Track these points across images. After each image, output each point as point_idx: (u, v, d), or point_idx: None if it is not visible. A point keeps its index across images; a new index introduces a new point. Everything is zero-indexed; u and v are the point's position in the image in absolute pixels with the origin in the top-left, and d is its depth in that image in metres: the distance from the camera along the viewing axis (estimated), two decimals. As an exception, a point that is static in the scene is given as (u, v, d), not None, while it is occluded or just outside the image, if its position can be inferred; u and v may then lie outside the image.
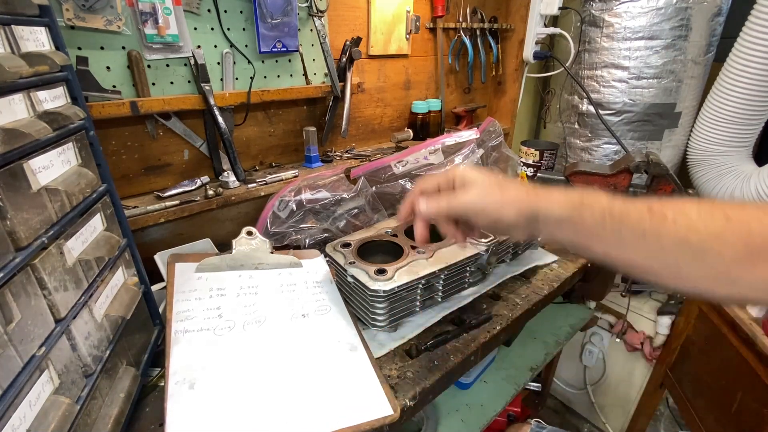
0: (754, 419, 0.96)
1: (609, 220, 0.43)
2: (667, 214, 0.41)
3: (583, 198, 0.45)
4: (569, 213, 0.45)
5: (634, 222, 0.42)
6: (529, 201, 0.47)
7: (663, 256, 0.42)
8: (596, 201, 0.44)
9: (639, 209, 0.42)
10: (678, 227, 0.41)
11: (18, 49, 0.41)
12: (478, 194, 0.48)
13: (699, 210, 0.41)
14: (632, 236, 0.43)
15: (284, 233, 0.92)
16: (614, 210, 0.43)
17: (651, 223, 0.42)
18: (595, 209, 0.44)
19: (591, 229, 0.45)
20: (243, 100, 0.94)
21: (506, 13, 1.56)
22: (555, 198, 0.46)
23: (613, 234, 0.44)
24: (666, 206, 0.42)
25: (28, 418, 0.36)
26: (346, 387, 0.58)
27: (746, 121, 1.30)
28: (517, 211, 0.47)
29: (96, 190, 0.52)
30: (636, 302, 1.54)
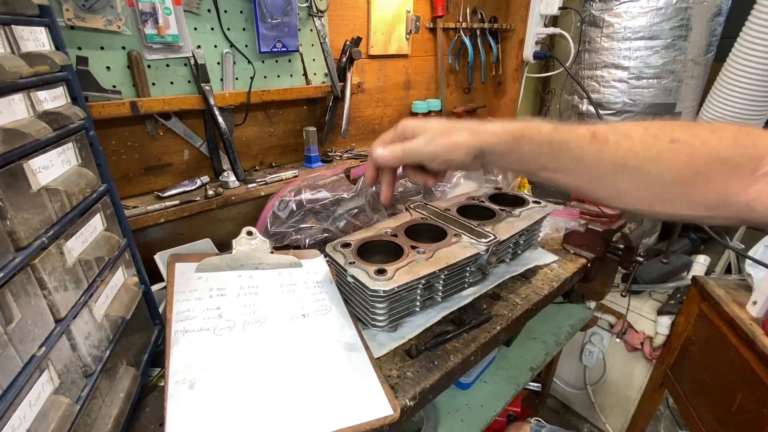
0: (754, 419, 0.96)
1: (547, 149, 0.47)
2: (609, 139, 0.44)
3: (523, 129, 0.48)
4: (510, 146, 0.48)
5: (573, 148, 0.45)
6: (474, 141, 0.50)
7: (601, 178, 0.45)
8: (537, 131, 0.47)
9: (581, 135, 0.45)
10: (617, 150, 0.43)
11: (18, 49, 0.41)
12: (426, 141, 0.51)
13: (644, 133, 0.43)
14: (571, 162, 0.46)
15: (284, 233, 0.92)
16: (554, 139, 0.46)
17: (590, 148, 0.45)
18: (534, 140, 0.47)
19: (531, 158, 0.48)
20: (243, 100, 0.94)
21: (506, 13, 1.56)
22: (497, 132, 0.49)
23: (552, 161, 0.47)
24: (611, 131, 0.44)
25: (28, 418, 0.36)
26: (346, 387, 0.58)
27: (746, 120, 1.30)
28: (464, 152, 0.50)
29: (96, 190, 0.52)
30: (636, 302, 1.54)
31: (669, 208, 0.44)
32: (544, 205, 0.92)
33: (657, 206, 0.44)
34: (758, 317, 1.01)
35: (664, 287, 1.57)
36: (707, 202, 0.41)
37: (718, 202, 0.41)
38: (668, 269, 1.54)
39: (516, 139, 0.48)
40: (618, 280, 1.54)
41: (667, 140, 0.42)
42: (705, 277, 1.22)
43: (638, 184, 0.44)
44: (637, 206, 0.46)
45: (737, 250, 1.41)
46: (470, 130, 0.50)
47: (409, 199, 1.09)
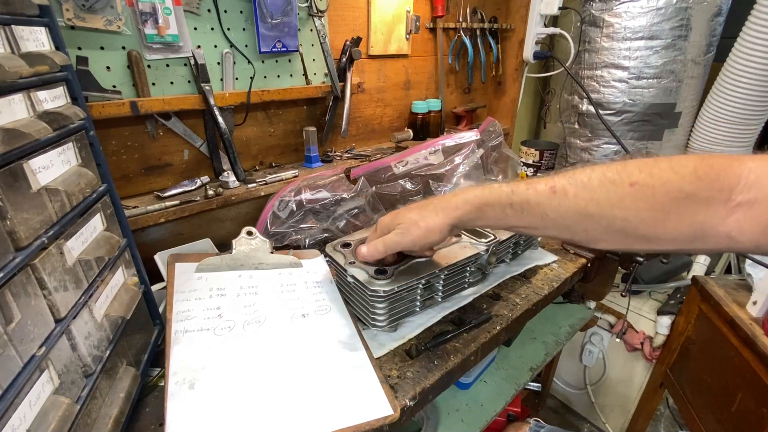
0: (754, 419, 0.96)
1: (510, 211, 0.51)
2: (569, 191, 0.46)
3: (483, 198, 0.53)
4: (475, 215, 0.54)
5: (533, 206, 0.49)
6: (444, 221, 0.56)
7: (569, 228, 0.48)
8: (496, 198, 0.52)
9: (540, 192, 0.48)
10: (578, 201, 0.45)
11: (18, 49, 0.41)
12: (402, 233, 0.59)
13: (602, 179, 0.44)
14: (535, 218, 0.49)
15: (284, 233, 0.92)
16: (513, 200, 0.50)
17: (552, 203, 0.47)
18: (495, 206, 0.52)
19: (498, 221, 0.54)
20: (243, 100, 0.94)
21: (506, 13, 1.56)
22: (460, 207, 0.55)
23: (518, 220, 0.51)
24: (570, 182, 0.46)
25: (28, 418, 0.36)
26: (346, 387, 0.58)
27: (746, 121, 1.30)
28: (438, 232, 0.57)
29: (96, 190, 0.52)
30: (636, 302, 1.54)
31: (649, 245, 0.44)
32: (544, 205, 0.92)
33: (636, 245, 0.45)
34: (758, 317, 1.01)
35: (664, 287, 1.57)
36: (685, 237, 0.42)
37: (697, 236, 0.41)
38: (668, 269, 1.54)
39: (479, 208, 0.54)
40: (618, 280, 1.54)
41: (627, 184, 0.42)
42: (705, 277, 1.22)
43: (607, 229, 0.45)
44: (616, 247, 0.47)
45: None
46: (436, 211, 0.57)
47: (409, 199, 1.09)
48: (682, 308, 1.31)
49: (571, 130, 1.55)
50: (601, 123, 1.39)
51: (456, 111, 1.54)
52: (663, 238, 0.42)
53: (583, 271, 0.97)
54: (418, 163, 1.11)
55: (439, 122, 1.42)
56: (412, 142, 1.35)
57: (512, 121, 1.69)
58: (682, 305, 1.33)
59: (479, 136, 1.18)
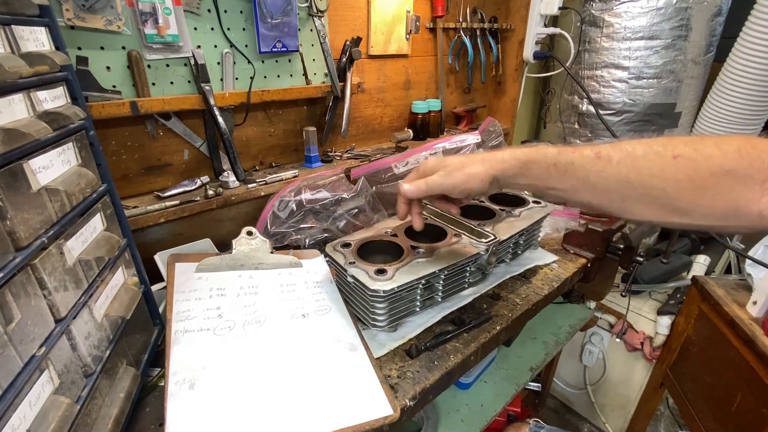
0: (754, 419, 0.96)
1: (553, 170, 0.52)
2: (613, 157, 0.47)
3: (530, 155, 0.54)
4: (519, 170, 0.55)
5: (577, 168, 0.50)
6: (487, 170, 0.56)
7: (607, 194, 0.49)
8: (542, 155, 0.53)
9: (585, 155, 0.49)
10: (620, 168, 0.47)
11: (18, 49, 0.41)
12: (445, 175, 0.59)
13: (647, 150, 0.46)
14: (577, 181, 0.50)
15: (284, 233, 0.92)
16: (559, 161, 0.51)
17: (595, 167, 0.48)
18: (540, 164, 0.53)
19: (539, 180, 0.54)
20: (243, 100, 0.94)
21: (506, 13, 1.56)
22: (506, 160, 0.56)
23: (559, 181, 0.52)
24: (615, 149, 0.48)
25: (28, 418, 0.36)
26: (346, 387, 0.58)
27: (746, 121, 1.30)
28: (479, 180, 0.57)
29: (96, 190, 0.52)
30: (636, 302, 1.54)
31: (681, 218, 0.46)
32: (544, 205, 0.92)
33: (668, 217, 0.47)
34: (758, 317, 1.01)
35: (664, 287, 1.57)
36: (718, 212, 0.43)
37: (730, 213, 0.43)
38: (668, 269, 1.54)
39: (524, 164, 0.54)
40: (618, 280, 1.54)
41: (670, 156, 0.44)
42: (705, 277, 1.22)
43: (644, 198, 0.47)
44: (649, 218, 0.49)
45: (737, 250, 1.41)
46: (482, 161, 0.57)
47: (409, 199, 1.09)
48: (682, 308, 1.31)
49: (571, 130, 1.55)
50: (601, 123, 1.40)
51: (456, 111, 1.54)
52: (697, 212, 0.44)
53: (583, 271, 0.97)
54: (418, 164, 1.11)
55: (439, 122, 1.42)
56: (412, 142, 1.35)
57: (512, 121, 1.69)
58: (682, 305, 1.33)
59: (480, 139, 1.18)
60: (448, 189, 0.60)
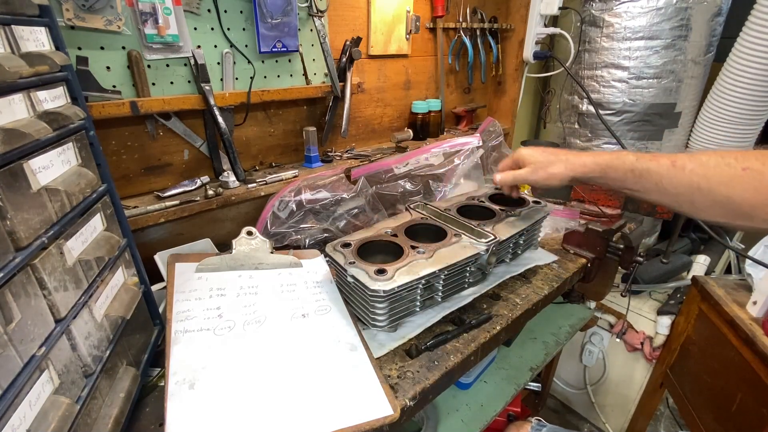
0: (754, 419, 0.96)
1: (630, 176, 0.59)
2: (687, 166, 0.54)
3: (610, 161, 0.62)
4: (598, 174, 0.63)
5: (653, 174, 0.57)
6: (567, 172, 0.66)
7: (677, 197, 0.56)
8: (621, 162, 0.60)
9: (661, 164, 0.56)
10: (692, 175, 0.53)
11: (18, 49, 0.41)
12: (531, 171, 0.71)
13: (719, 161, 0.52)
14: (651, 184, 0.58)
15: (284, 233, 0.92)
16: (636, 167, 0.59)
17: (669, 173, 0.56)
18: (618, 169, 0.61)
19: (615, 183, 0.62)
20: (243, 100, 0.94)
21: (506, 13, 1.56)
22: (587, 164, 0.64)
23: (634, 184, 0.60)
24: (690, 159, 0.54)
25: (28, 418, 0.36)
26: (346, 387, 0.58)
27: (746, 121, 1.30)
28: (558, 180, 0.67)
29: (96, 190, 0.52)
30: (636, 302, 1.54)
31: (746, 222, 0.52)
32: (544, 205, 0.92)
33: (732, 220, 0.53)
34: (758, 317, 1.01)
35: (664, 287, 1.57)
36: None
37: None
38: (668, 269, 1.54)
39: (603, 169, 0.62)
40: (618, 280, 1.54)
41: (740, 168, 0.50)
42: (705, 277, 1.22)
43: (711, 203, 0.53)
44: (714, 219, 0.55)
45: (737, 250, 1.41)
46: (566, 162, 0.66)
47: (409, 199, 1.09)
48: (682, 308, 1.31)
49: (571, 130, 1.55)
50: (601, 123, 1.40)
51: (456, 111, 1.54)
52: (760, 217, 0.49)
53: (583, 271, 0.97)
54: (418, 164, 1.12)
55: (439, 122, 1.42)
56: (412, 142, 1.34)
57: (512, 121, 1.69)
58: (682, 305, 1.33)
59: (480, 143, 1.19)
60: (531, 183, 0.72)
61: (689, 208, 0.56)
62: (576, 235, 1.00)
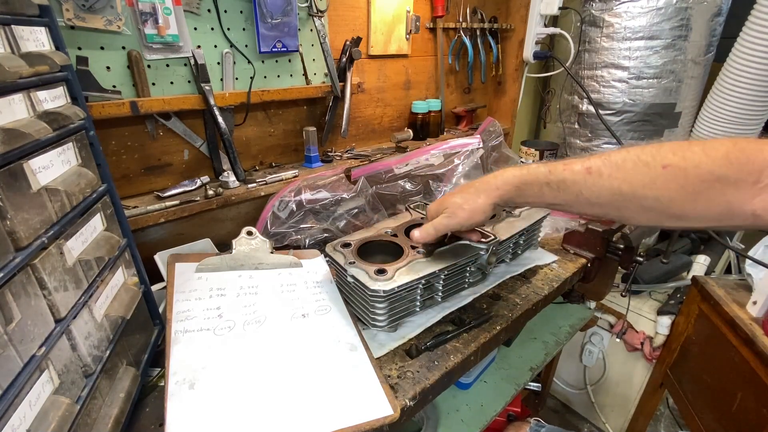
0: (754, 419, 0.96)
1: (546, 189, 0.55)
2: (603, 171, 0.49)
3: (521, 178, 0.58)
4: (515, 193, 0.59)
5: (569, 185, 0.52)
6: (486, 201, 0.60)
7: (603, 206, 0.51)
8: (534, 177, 0.56)
9: (576, 172, 0.52)
10: (612, 181, 0.49)
11: (18, 49, 0.41)
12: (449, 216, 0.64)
13: (635, 162, 0.47)
14: (571, 196, 0.53)
15: (284, 233, 0.92)
16: (551, 180, 0.54)
17: (586, 182, 0.51)
18: (533, 185, 0.56)
19: (536, 199, 0.58)
20: (243, 100, 0.94)
21: (506, 13, 1.56)
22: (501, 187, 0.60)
23: (554, 198, 0.55)
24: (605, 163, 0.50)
25: (28, 418, 0.36)
26: (346, 387, 0.58)
27: (746, 121, 1.30)
28: (482, 213, 0.61)
29: (96, 190, 0.52)
30: (636, 302, 1.54)
31: (678, 222, 0.47)
32: (544, 205, 0.92)
33: (666, 222, 0.49)
34: (758, 317, 1.01)
35: (664, 287, 1.57)
36: (713, 215, 0.44)
37: (724, 215, 0.44)
38: (668, 269, 1.54)
39: (518, 188, 0.58)
40: (618, 280, 1.54)
41: (659, 167, 0.45)
42: (705, 277, 1.22)
43: (639, 208, 0.48)
44: (647, 223, 0.51)
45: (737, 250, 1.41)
46: (478, 193, 0.61)
47: (409, 199, 1.09)
48: (682, 308, 1.31)
49: (571, 130, 1.55)
50: (601, 123, 1.40)
51: (456, 111, 1.54)
52: (691, 216, 0.46)
53: (583, 271, 0.97)
54: (418, 164, 1.12)
55: (439, 122, 1.42)
56: (412, 142, 1.34)
57: (512, 121, 1.69)
58: (682, 305, 1.33)
59: (481, 144, 1.18)
60: (455, 228, 0.65)
61: (618, 216, 0.52)
62: (576, 235, 1.00)
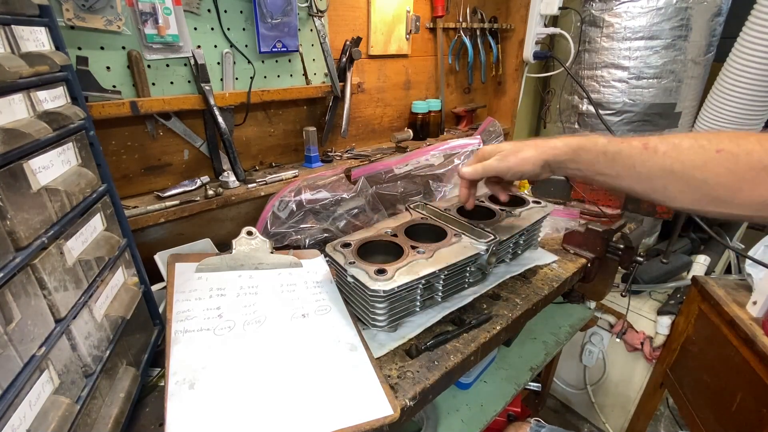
0: (754, 419, 0.96)
1: (602, 158, 0.56)
2: (659, 148, 0.51)
3: (581, 142, 0.58)
4: (570, 156, 0.59)
5: (625, 156, 0.54)
6: (539, 155, 0.61)
7: (651, 182, 0.53)
8: (593, 144, 0.57)
9: (633, 146, 0.53)
10: (665, 158, 0.50)
11: (18, 49, 0.41)
12: (500, 159, 0.64)
13: (692, 143, 0.49)
14: (624, 168, 0.54)
15: (284, 233, 0.92)
16: (608, 150, 0.55)
17: (641, 156, 0.52)
18: (590, 151, 0.57)
19: (589, 166, 0.58)
20: (243, 100, 0.94)
21: (506, 13, 1.56)
22: (558, 146, 0.60)
23: (607, 168, 0.56)
24: (662, 141, 0.51)
25: (28, 418, 0.36)
26: (346, 387, 0.58)
27: (746, 120, 1.30)
28: (532, 164, 0.62)
29: (96, 190, 0.52)
30: (636, 302, 1.54)
31: (719, 208, 0.49)
32: (544, 205, 0.92)
33: (706, 206, 0.50)
34: (758, 317, 1.01)
35: (664, 287, 1.57)
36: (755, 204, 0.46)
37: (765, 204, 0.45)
38: (668, 269, 1.54)
39: (575, 151, 0.58)
40: (618, 280, 1.54)
41: (714, 150, 0.47)
42: (705, 277, 1.22)
43: (685, 188, 0.50)
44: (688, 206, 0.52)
45: (737, 250, 1.41)
46: (535, 147, 0.62)
47: (409, 199, 1.09)
48: (682, 308, 1.31)
49: (571, 130, 1.55)
50: (601, 123, 1.40)
51: (456, 111, 1.54)
52: (735, 203, 0.47)
53: (583, 271, 0.97)
54: (418, 164, 1.11)
55: (439, 122, 1.42)
56: (412, 142, 1.34)
57: (512, 121, 1.69)
58: (682, 305, 1.33)
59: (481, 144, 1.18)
60: (503, 172, 0.65)
61: (662, 195, 0.53)
62: (576, 235, 1.00)
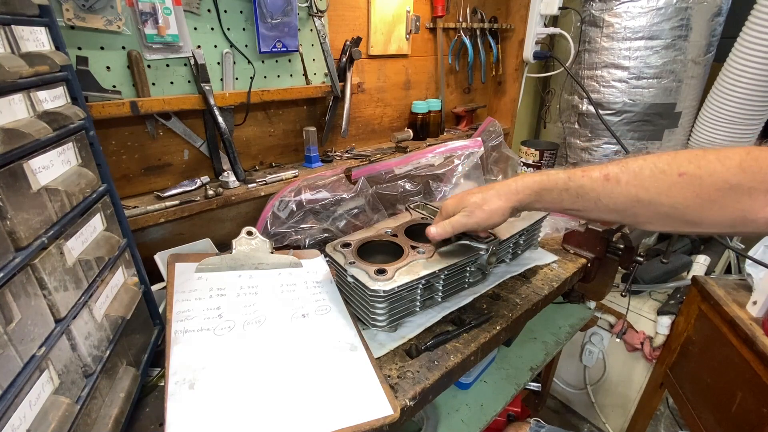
0: (754, 419, 0.96)
1: (566, 195, 0.56)
2: (621, 178, 0.51)
3: (542, 183, 0.59)
4: (534, 198, 0.60)
5: (588, 191, 0.53)
6: (504, 204, 0.61)
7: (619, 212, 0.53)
8: (554, 183, 0.57)
9: (594, 179, 0.53)
10: (629, 188, 0.50)
11: (18, 49, 0.41)
12: (467, 215, 0.64)
13: (653, 169, 0.49)
14: (589, 203, 0.54)
15: (284, 233, 0.92)
16: (570, 186, 0.55)
17: (604, 189, 0.52)
18: (552, 190, 0.57)
19: (554, 204, 0.58)
20: (243, 100, 0.94)
21: (506, 13, 1.56)
22: (521, 191, 0.60)
23: (572, 204, 0.56)
24: (623, 170, 0.51)
25: (28, 418, 0.36)
26: (346, 387, 0.58)
27: (746, 121, 1.30)
28: (500, 215, 0.62)
29: (96, 190, 0.52)
30: (636, 302, 1.54)
31: (693, 228, 0.49)
32: (544, 205, 0.92)
33: (681, 228, 0.50)
34: (758, 317, 1.01)
35: (664, 287, 1.57)
36: (726, 222, 0.46)
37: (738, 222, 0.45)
38: (668, 269, 1.54)
39: (537, 192, 0.59)
40: (618, 280, 1.54)
41: (676, 174, 0.47)
42: (705, 277, 1.22)
43: (655, 214, 0.50)
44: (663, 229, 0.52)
45: (737, 250, 1.41)
46: (498, 196, 0.62)
47: (409, 199, 1.09)
48: (682, 308, 1.31)
49: (571, 130, 1.55)
50: (601, 123, 1.39)
51: (456, 111, 1.54)
52: (706, 223, 0.47)
53: (583, 271, 0.97)
54: (418, 164, 1.12)
55: (439, 122, 1.42)
56: (412, 142, 1.34)
57: (512, 121, 1.69)
58: (682, 305, 1.33)
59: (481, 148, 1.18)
60: (472, 228, 0.65)
61: (634, 222, 0.53)
62: (576, 235, 1.00)
